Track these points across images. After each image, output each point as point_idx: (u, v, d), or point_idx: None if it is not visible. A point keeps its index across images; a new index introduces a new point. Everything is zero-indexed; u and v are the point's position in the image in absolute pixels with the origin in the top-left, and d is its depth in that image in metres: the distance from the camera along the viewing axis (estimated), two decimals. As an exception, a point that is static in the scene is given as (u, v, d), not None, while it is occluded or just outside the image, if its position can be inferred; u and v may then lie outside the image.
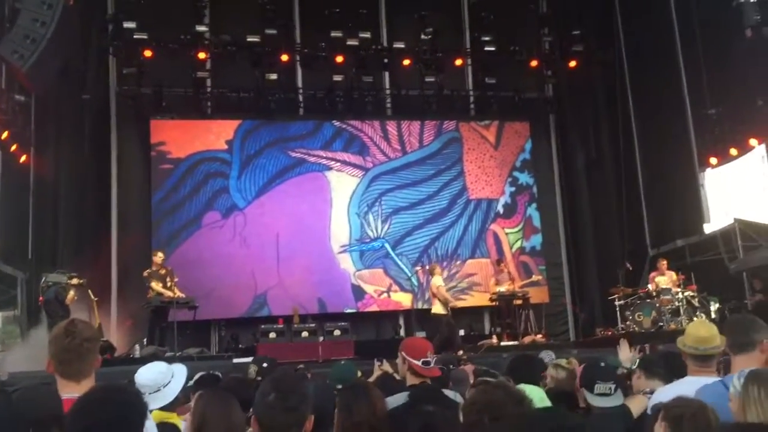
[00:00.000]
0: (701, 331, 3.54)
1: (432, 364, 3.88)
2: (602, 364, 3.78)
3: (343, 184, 15.38)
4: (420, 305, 14.64)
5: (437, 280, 12.47)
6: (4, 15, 10.26)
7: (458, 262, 15.57)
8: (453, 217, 15.77)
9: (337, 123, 15.62)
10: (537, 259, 15.98)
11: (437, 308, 12.19)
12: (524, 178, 16.31)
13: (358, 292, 15.02)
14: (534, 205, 16.25)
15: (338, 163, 15.46)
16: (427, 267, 14.00)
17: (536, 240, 16.13)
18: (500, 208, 16.04)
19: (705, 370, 3.46)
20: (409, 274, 14.99)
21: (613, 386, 3.60)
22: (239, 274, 14.35)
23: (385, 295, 15.10)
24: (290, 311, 13.44)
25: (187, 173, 14.65)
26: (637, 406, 3.74)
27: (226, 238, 14.56)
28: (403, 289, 15.06)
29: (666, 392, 3.30)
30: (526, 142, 16.44)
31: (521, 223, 16.11)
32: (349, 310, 14.71)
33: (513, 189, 16.17)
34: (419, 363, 3.86)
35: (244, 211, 14.77)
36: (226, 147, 14.95)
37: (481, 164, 16.12)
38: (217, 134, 14.98)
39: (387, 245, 15.32)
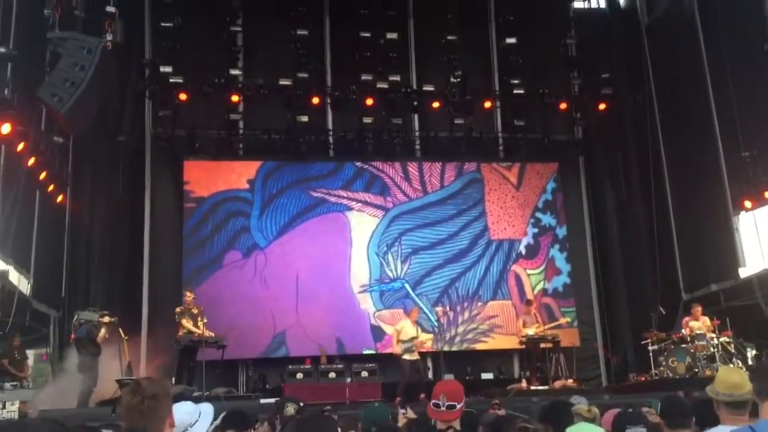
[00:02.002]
0: (733, 377, 3.46)
1: (443, 407, 3.83)
2: (630, 409, 3.70)
3: (363, 223, 15.43)
4: (440, 346, 14.49)
5: (401, 325, 12.15)
6: (45, 60, 10.60)
7: (479, 304, 15.44)
8: (474, 258, 15.69)
9: (358, 163, 15.75)
10: (559, 301, 15.78)
11: (398, 350, 11.88)
12: (547, 219, 16.21)
13: (378, 333, 14.94)
14: (557, 247, 16.11)
15: (359, 203, 15.54)
16: (439, 309, 13.86)
17: (558, 281, 15.96)
18: (522, 249, 15.94)
19: (739, 418, 3.36)
20: (430, 315, 14.84)
21: (643, 430, 3.51)
22: (258, 314, 14.38)
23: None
24: (308, 351, 13.39)
25: (209, 212, 14.84)
26: None
27: (247, 277, 14.64)
28: (423, 329, 14.91)
29: None
30: (548, 183, 16.39)
31: (543, 264, 15.97)
32: (367, 351, 14.61)
33: (536, 230, 16.08)
34: (431, 405, 3.85)
35: (265, 250, 14.86)
36: (247, 186, 15.13)
37: (503, 205, 16.09)
38: (239, 174, 15.19)
39: (407, 285, 15.26)
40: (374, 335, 14.92)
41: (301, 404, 5.79)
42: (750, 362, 11.11)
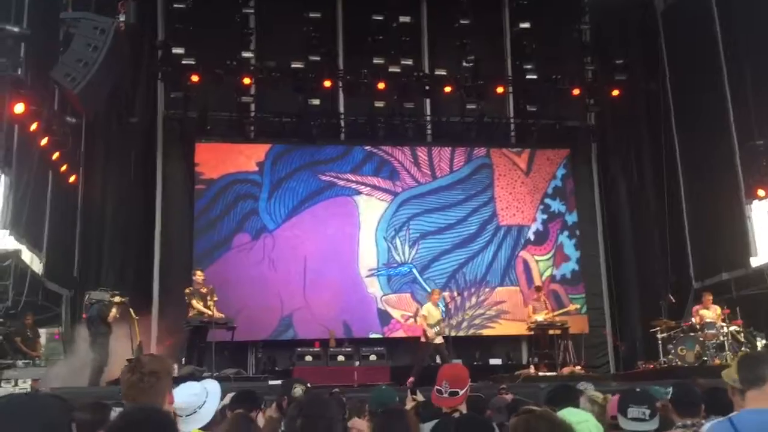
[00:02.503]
0: None
1: (445, 394, 3.84)
2: (638, 390, 3.70)
3: (371, 208, 15.45)
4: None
5: (426, 309, 12.21)
6: (58, 39, 10.61)
7: (487, 290, 15.46)
8: (482, 243, 15.69)
9: (367, 147, 15.73)
10: (567, 288, 15.77)
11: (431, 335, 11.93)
12: (556, 205, 16.18)
13: (384, 317, 15.00)
14: (566, 233, 16.07)
15: (368, 188, 15.55)
16: (446, 294, 13.77)
17: (566, 268, 15.94)
18: (531, 235, 15.91)
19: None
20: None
21: (647, 411, 3.51)
22: (266, 296, 14.46)
23: (412, 320, 14.97)
24: (316, 334, 13.44)
25: (219, 194, 14.90)
26: None
27: (255, 259, 14.71)
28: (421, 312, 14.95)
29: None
30: (558, 169, 16.32)
31: (552, 250, 15.95)
32: (374, 335, 14.66)
33: (545, 216, 16.04)
34: (434, 391, 3.86)
35: (273, 233, 14.91)
36: (257, 169, 15.16)
37: (512, 191, 16.06)
38: (248, 156, 15.21)
39: (415, 270, 15.28)
40: (381, 319, 14.97)
41: (309, 385, 5.82)
42: (760, 351, 11.06)
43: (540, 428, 2.42)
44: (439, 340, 11.91)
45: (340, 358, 12.16)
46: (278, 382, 9.54)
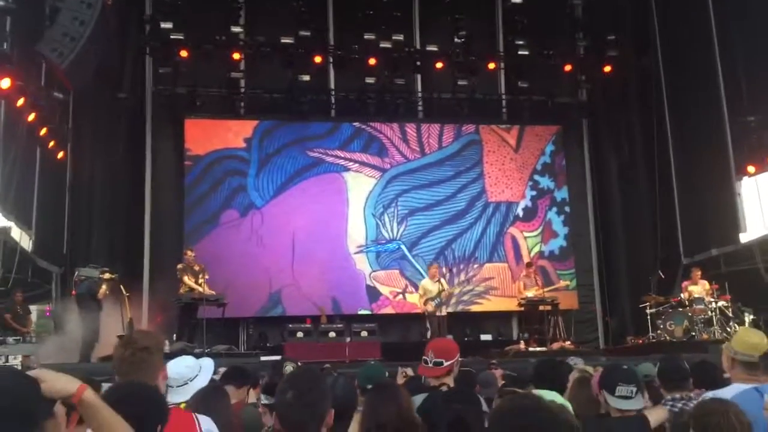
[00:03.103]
0: (752, 337, 3.44)
1: (429, 364, 3.86)
2: (624, 367, 3.73)
3: (360, 184, 15.39)
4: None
5: (422, 285, 12.58)
6: (44, 14, 10.46)
7: (475, 266, 15.48)
8: (471, 220, 15.68)
9: (356, 123, 15.64)
10: (555, 264, 15.81)
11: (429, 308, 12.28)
12: (545, 182, 16.17)
13: (373, 294, 15.00)
14: (554, 210, 16.09)
15: (356, 164, 15.47)
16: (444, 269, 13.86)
17: (555, 244, 15.97)
18: (520, 212, 15.92)
19: (753, 378, 3.37)
20: (426, 275, 14.88)
21: (634, 389, 3.54)
22: (255, 273, 14.41)
23: (401, 296, 15.05)
24: (304, 310, 13.45)
25: (206, 171, 14.78)
26: (655, 416, 3.67)
27: (244, 236, 14.65)
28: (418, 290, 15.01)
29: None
30: (547, 146, 16.28)
31: (540, 226, 15.97)
32: (362, 312, 14.69)
33: (534, 193, 16.05)
34: (421, 361, 3.88)
35: (262, 209, 14.85)
36: (244, 145, 15.04)
37: (501, 167, 16.02)
38: (236, 132, 15.09)
39: (403, 246, 15.28)
40: (369, 296, 14.98)
41: (299, 364, 5.85)
42: (747, 326, 11.16)
43: (524, 407, 2.42)
44: (441, 311, 12.13)
45: (331, 334, 12.19)
46: (270, 357, 9.59)
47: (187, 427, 2.72)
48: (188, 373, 3.71)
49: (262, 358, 10.07)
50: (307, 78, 14.88)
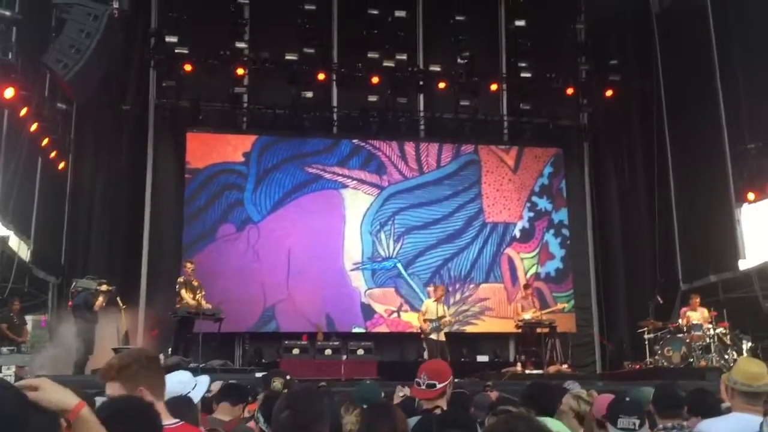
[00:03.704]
0: (753, 367, 3.44)
1: (422, 386, 3.83)
2: (627, 399, 3.70)
3: (357, 201, 15.35)
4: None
5: (424, 306, 12.52)
6: (50, 25, 10.52)
7: (471, 286, 15.40)
8: (468, 239, 15.63)
9: (355, 141, 15.65)
10: (551, 286, 15.74)
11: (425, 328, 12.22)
12: (543, 203, 16.14)
13: (368, 311, 14.91)
14: (552, 231, 16.07)
15: (354, 181, 15.45)
16: (431, 289, 13.78)
17: (551, 266, 15.91)
18: (517, 233, 15.88)
19: (752, 408, 3.35)
20: (422, 295, 14.85)
21: (637, 422, 3.51)
22: (250, 288, 14.33)
23: (395, 315, 14.97)
24: (298, 326, 13.38)
25: (204, 184, 14.76)
26: None
27: (240, 251, 14.58)
28: (413, 308, 14.92)
29: (711, 427, 3.22)
30: (545, 167, 16.28)
31: (537, 248, 15.92)
32: (357, 330, 14.61)
33: (532, 214, 16.03)
34: (414, 383, 3.85)
35: (258, 224, 14.80)
36: (242, 159, 15.03)
37: (499, 187, 16.01)
38: (235, 146, 15.08)
39: (399, 265, 15.23)
40: (364, 313, 14.90)
41: (288, 378, 5.80)
42: (745, 354, 11.12)
43: (518, 428, 2.40)
44: (440, 336, 12.05)
45: (328, 351, 12.12)
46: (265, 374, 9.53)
47: None
48: (182, 389, 3.68)
49: (257, 374, 10.00)
50: (310, 95, 14.93)
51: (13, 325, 10.87)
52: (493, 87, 15.97)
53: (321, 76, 15.06)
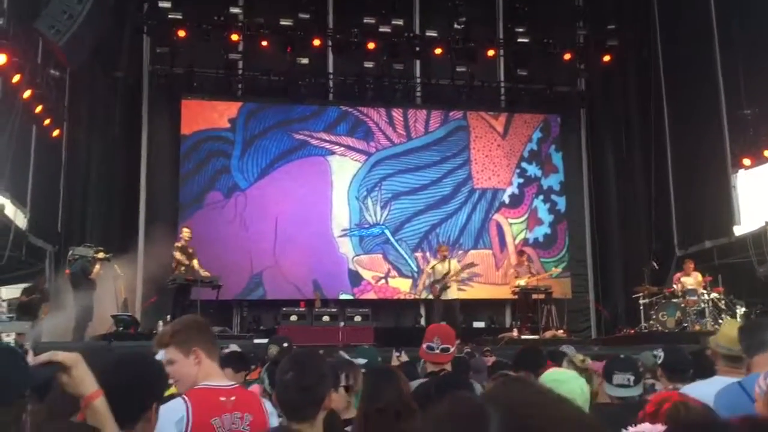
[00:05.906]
0: (735, 331, 3.46)
1: (437, 350, 3.87)
2: (622, 356, 3.75)
3: (345, 168, 15.26)
4: (419, 292, 14.68)
5: (431, 266, 12.65)
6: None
7: (460, 252, 15.32)
8: (456, 205, 15.57)
9: (343, 107, 15.50)
10: (539, 251, 15.72)
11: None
12: (532, 169, 16.07)
13: (355, 278, 14.89)
14: (541, 197, 16.04)
15: (341, 147, 15.33)
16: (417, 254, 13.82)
17: (539, 231, 15.90)
18: (506, 198, 15.83)
19: (735, 371, 3.39)
20: (410, 260, 14.95)
21: (632, 377, 3.56)
22: (237, 255, 14.26)
23: (383, 281, 14.97)
24: (286, 293, 13.42)
25: (190, 151, 14.67)
26: None
27: (227, 218, 14.52)
28: (401, 274, 14.97)
29: (692, 390, 3.25)
30: (534, 133, 16.18)
31: (526, 214, 15.90)
32: (344, 296, 14.61)
33: (521, 180, 15.98)
34: (424, 347, 3.88)
35: (246, 191, 14.73)
36: (229, 126, 14.90)
37: (488, 153, 15.91)
38: (220, 113, 14.92)
39: (387, 231, 15.19)
40: (351, 280, 14.88)
41: (285, 345, 5.84)
42: (739, 319, 11.22)
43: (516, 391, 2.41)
44: (450, 295, 12.20)
45: (325, 318, 12.21)
46: (264, 340, 9.60)
47: (255, 406, 2.75)
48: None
49: (256, 341, 10.09)
50: (305, 61, 14.81)
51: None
52: (490, 53, 15.84)
53: (316, 42, 14.91)
